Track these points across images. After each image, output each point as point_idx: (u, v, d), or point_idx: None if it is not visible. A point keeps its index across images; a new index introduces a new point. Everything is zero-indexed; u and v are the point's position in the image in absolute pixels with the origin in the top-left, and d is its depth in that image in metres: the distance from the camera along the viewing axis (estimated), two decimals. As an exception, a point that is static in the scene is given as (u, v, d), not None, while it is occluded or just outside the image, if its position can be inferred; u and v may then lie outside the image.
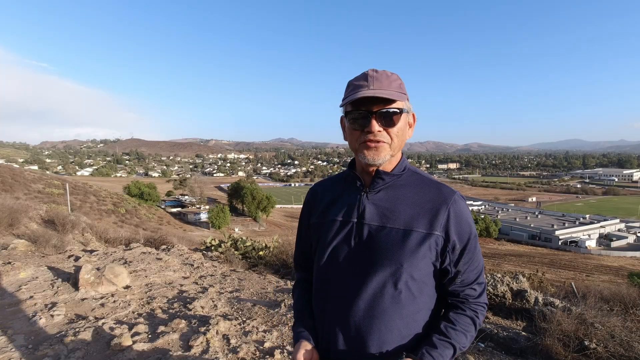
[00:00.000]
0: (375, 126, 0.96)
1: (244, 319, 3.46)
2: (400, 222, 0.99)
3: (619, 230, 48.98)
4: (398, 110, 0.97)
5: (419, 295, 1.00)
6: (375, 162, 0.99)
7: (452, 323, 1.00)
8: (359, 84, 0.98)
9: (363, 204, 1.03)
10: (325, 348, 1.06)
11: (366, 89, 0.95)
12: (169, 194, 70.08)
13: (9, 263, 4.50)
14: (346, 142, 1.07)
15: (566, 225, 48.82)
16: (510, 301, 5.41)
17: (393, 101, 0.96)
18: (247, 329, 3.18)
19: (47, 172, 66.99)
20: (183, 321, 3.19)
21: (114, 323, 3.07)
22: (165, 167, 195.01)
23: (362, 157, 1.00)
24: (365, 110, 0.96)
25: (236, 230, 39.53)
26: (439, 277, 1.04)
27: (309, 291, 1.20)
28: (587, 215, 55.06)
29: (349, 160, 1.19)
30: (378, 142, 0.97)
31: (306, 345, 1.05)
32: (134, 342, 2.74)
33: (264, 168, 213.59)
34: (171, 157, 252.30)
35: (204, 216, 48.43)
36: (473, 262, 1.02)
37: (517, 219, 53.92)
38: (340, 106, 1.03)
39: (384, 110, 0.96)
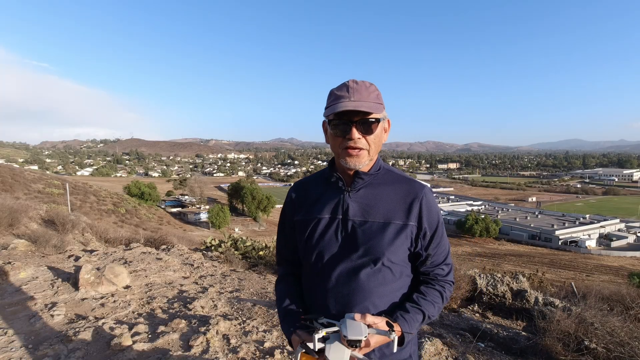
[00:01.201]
0: (356, 134, 1.09)
1: (244, 319, 3.46)
2: (380, 216, 1.14)
3: (619, 230, 49.01)
4: (375, 120, 1.10)
5: (398, 276, 1.17)
6: (356, 167, 1.13)
7: (422, 294, 1.18)
8: (340, 95, 1.10)
9: (346, 202, 1.17)
10: None
11: (347, 100, 1.08)
12: (169, 194, 70.16)
13: (9, 263, 4.49)
14: None
15: (566, 225, 48.82)
16: (510, 301, 5.42)
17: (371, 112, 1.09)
18: (247, 329, 3.18)
19: (47, 172, 67.00)
20: (183, 321, 3.19)
21: (114, 323, 3.07)
22: (165, 167, 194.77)
23: (344, 162, 1.13)
24: (346, 119, 1.09)
25: (236, 230, 39.57)
26: (413, 260, 1.21)
27: (293, 284, 1.31)
28: (587, 215, 55.08)
29: None
30: (359, 149, 1.11)
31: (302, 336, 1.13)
32: (134, 342, 2.74)
33: (264, 168, 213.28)
34: (171, 157, 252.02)
35: (204, 216, 48.46)
36: (440, 246, 1.20)
37: (517, 219, 53.92)
38: (324, 115, 1.15)
39: (364, 119, 1.09)
